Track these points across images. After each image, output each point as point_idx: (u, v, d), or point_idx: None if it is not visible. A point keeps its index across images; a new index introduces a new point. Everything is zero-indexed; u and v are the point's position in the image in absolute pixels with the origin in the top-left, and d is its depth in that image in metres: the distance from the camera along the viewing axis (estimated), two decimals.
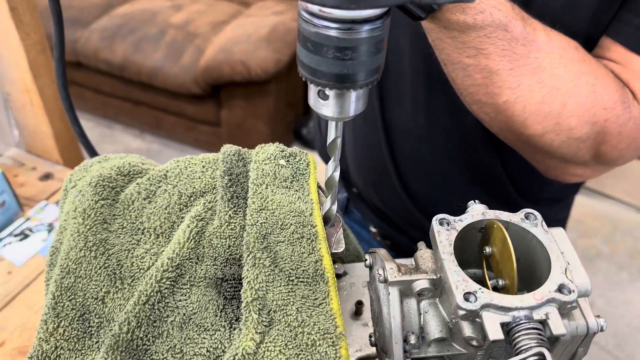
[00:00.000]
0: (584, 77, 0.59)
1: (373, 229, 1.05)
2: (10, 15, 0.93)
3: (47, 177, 1.08)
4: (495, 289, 0.45)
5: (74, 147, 1.16)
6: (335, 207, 0.53)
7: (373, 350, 0.57)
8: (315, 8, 0.37)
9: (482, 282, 0.44)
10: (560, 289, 0.41)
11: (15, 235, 0.94)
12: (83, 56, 2.48)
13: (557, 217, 0.96)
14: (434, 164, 0.88)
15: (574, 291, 0.41)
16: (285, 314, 0.45)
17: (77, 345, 0.48)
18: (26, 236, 0.94)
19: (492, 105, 0.60)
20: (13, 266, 0.89)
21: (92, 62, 2.48)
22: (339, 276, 0.59)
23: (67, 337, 0.48)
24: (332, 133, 0.47)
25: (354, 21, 0.37)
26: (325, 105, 0.43)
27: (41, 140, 1.11)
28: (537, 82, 0.57)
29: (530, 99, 0.58)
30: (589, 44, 0.66)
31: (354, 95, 0.42)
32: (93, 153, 0.74)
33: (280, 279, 0.46)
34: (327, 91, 0.42)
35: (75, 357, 0.47)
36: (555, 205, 0.94)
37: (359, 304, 0.60)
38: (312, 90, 0.43)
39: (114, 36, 2.44)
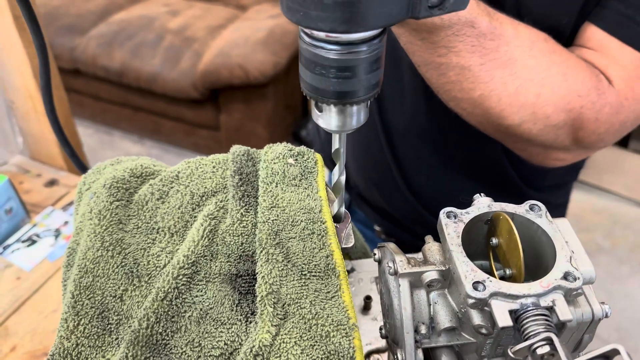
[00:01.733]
0: (555, 67, 0.60)
1: (377, 228, 1.06)
2: (14, 24, 0.94)
3: (52, 183, 1.08)
4: (503, 278, 0.46)
5: (78, 153, 1.17)
6: (343, 209, 0.54)
7: (383, 343, 0.59)
8: (318, 32, 0.38)
9: (489, 272, 0.45)
10: (566, 276, 0.42)
11: (23, 242, 0.95)
12: (81, 63, 2.49)
13: (557, 202, 0.98)
14: (437, 161, 0.89)
15: (579, 278, 0.42)
16: (299, 307, 0.46)
17: (97, 342, 0.49)
18: (34, 242, 0.95)
19: (468, 101, 0.61)
20: (22, 272, 0.89)
21: (91, 69, 2.49)
22: (347, 272, 0.60)
23: (88, 335, 0.49)
24: (336, 144, 0.49)
25: (352, 42, 0.38)
26: (328, 119, 0.44)
27: (45, 147, 1.12)
28: (510, 74, 0.59)
29: (504, 91, 0.59)
30: (576, 34, 0.67)
31: (355, 109, 0.44)
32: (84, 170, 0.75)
33: (294, 274, 0.48)
34: (329, 107, 0.43)
35: (96, 354, 0.48)
36: (557, 191, 0.96)
37: (368, 298, 0.61)
38: (315, 104, 0.44)
39: (111, 43, 2.45)
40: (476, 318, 0.43)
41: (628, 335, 1.97)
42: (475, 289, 0.41)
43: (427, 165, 0.90)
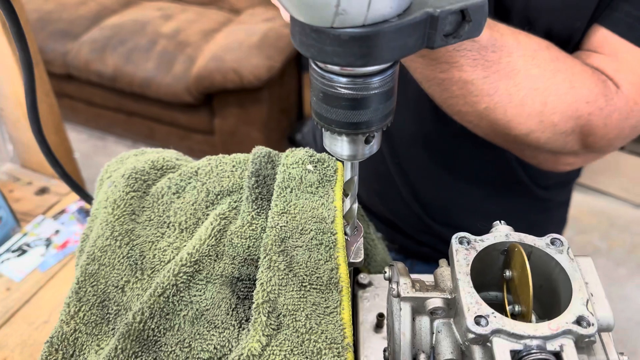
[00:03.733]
0: (560, 75, 0.59)
1: (378, 234, 1.04)
2: (2, 30, 0.92)
3: (43, 191, 1.07)
4: (513, 314, 0.44)
5: (69, 160, 1.16)
6: (356, 207, 0.52)
7: None
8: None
9: (501, 306, 0.42)
10: (579, 321, 0.39)
11: (13, 251, 0.93)
12: (74, 68, 2.46)
13: (561, 199, 0.98)
14: (444, 167, 0.88)
15: (593, 324, 0.38)
16: (294, 319, 0.44)
17: (94, 330, 0.48)
18: (24, 252, 0.93)
19: (473, 114, 0.61)
20: (12, 282, 0.87)
21: (84, 74, 2.45)
22: (363, 286, 0.59)
23: (87, 322, 0.48)
24: (349, 173, 0.48)
25: (364, 75, 0.37)
26: (340, 148, 0.44)
27: (36, 155, 1.10)
28: (514, 85, 0.58)
29: (509, 103, 0.58)
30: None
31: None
32: (85, 195, 0.73)
33: (293, 284, 0.46)
34: (341, 136, 0.42)
35: (92, 341, 0.48)
36: (562, 189, 0.96)
37: (381, 316, 0.58)
38: (327, 134, 0.43)
39: (104, 47, 2.42)
40: (477, 354, 0.40)
41: (626, 337, 1.95)
42: (477, 323, 0.38)
43: (433, 173, 0.88)
